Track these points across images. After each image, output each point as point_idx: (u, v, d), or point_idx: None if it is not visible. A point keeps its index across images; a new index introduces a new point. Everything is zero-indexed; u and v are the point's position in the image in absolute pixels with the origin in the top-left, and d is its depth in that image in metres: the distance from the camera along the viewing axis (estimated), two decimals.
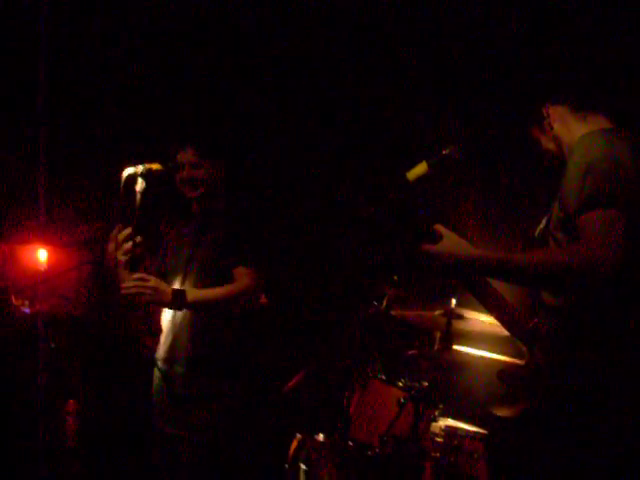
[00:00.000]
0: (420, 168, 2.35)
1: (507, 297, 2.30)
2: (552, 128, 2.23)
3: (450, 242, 2.11)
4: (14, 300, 4.47)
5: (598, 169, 1.99)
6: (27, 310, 4.39)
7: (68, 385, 3.74)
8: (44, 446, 3.74)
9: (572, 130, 2.21)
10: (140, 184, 2.76)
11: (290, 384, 3.31)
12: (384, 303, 3.25)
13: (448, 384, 3.30)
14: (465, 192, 3.68)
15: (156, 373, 3.01)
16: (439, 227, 2.14)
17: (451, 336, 3.19)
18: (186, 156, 3.02)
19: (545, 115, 2.24)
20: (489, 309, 2.31)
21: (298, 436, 3.27)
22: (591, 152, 2.04)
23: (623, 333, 2.00)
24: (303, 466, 3.20)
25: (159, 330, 3.02)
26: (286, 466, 3.27)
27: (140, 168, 2.79)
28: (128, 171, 2.77)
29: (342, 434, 3.04)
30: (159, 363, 2.98)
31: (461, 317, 3.22)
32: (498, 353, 3.10)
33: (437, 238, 2.11)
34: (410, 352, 3.33)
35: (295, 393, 3.32)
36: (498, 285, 2.26)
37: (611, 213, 1.94)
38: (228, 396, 2.88)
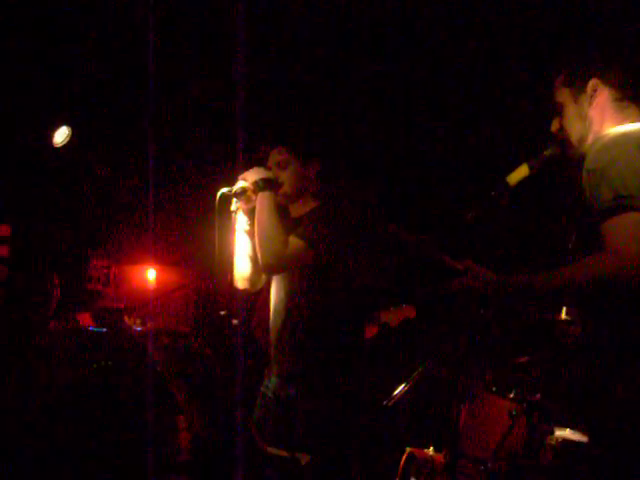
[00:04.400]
0: (521, 171, 2.26)
1: None
2: (590, 105, 2.09)
3: (477, 273, 2.04)
4: (127, 319, 4.63)
5: (613, 173, 1.88)
6: (139, 328, 4.54)
7: (176, 401, 3.82)
8: (156, 462, 3.83)
9: (606, 119, 2.07)
10: (234, 204, 2.77)
11: (395, 396, 3.25)
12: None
13: (563, 392, 3.16)
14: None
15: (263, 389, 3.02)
16: (468, 263, 2.08)
17: (566, 342, 3.06)
18: (273, 156, 2.99)
19: (589, 90, 2.09)
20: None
21: (408, 450, 3.21)
22: (605, 156, 1.93)
23: None
24: None
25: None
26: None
27: (234, 188, 2.79)
28: (222, 191, 2.77)
29: (451, 448, 2.96)
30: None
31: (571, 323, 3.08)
32: None
33: (464, 273, 2.06)
34: (521, 359, 3.21)
35: (402, 406, 3.26)
36: None
37: (631, 216, 1.84)
38: (335, 406, 2.84)
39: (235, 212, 2.80)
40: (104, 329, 4.53)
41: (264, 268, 2.88)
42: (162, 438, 3.84)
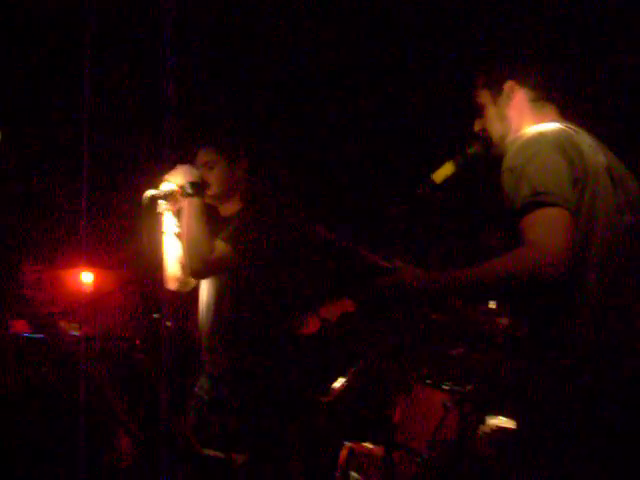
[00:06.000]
0: (446, 168, 2.31)
1: None
2: (508, 106, 2.18)
3: (402, 272, 2.10)
4: (62, 324, 4.54)
5: (531, 170, 1.95)
6: (75, 333, 4.47)
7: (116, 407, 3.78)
8: (98, 467, 3.79)
9: (523, 119, 2.16)
10: (161, 206, 2.76)
11: (333, 391, 3.29)
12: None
13: (495, 382, 3.24)
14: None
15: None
16: (395, 262, 2.13)
17: (495, 335, 3.13)
18: (201, 156, 2.99)
19: (506, 91, 2.18)
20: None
21: (347, 445, 3.25)
22: (522, 155, 2.00)
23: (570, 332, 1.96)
24: (354, 474, 3.19)
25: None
26: (337, 475, 3.26)
27: (161, 189, 2.79)
28: (149, 193, 2.77)
29: (389, 441, 3.01)
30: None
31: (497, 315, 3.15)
32: None
33: (391, 271, 2.10)
34: (452, 352, 3.28)
35: (340, 401, 3.30)
36: None
37: (548, 211, 1.91)
38: (269, 405, 2.86)
39: (162, 214, 2.80)
40: (40, 335, 4.45)
41: (191, 274, 2.91)
42: (103, 443, 3.81)
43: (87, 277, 4.86)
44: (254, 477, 2.79)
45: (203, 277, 2.98)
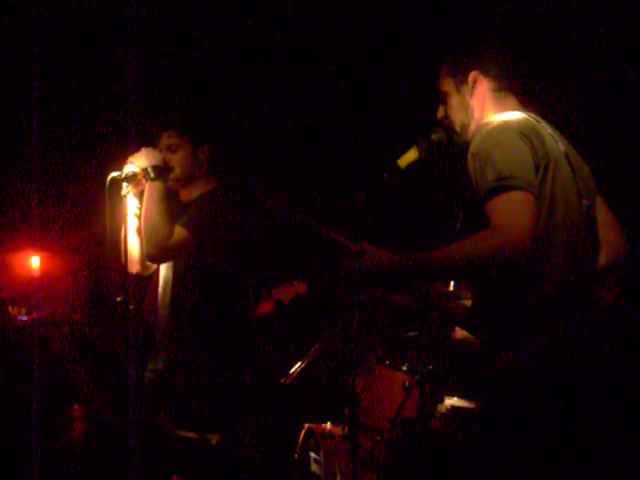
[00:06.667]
0: (411, 154, 2.36)
1: None
2: (471, 96, 2.25)
3: (371, 255, 2.14)
4: (10, 309, 4.46)
5: (496, 156, 2.02)
6: (24, 318, 4.39)
7: (72, 389, 3.74)
8: (48, 453, 3.74)
9: (486, 108, 2.24)
10: (124, 188, 2.75)
11: (292, 374, 3.32)
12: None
13: (452, 362, 3.32)
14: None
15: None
16: (363, 244, 2.18)
17: (451, 315, 3.21)
18: (164, 139, 2.98)
19: (470, 81, 2.24)
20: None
21: (306, 426, 3.29)
22: (488, 141, 2.07)
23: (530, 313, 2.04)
24: (313, 454, 3.23)
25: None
26: (295, 456, 3.30)
27: (124, 172, 2.77)
28: (112, 175, 2.74)
29: (350, 420, 3.06)
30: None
31: (459, 297, 3.23)
32: None
33: (359, 254, 2.15)
34: (410, 333, 3.35)
35: (298, 383, 3.33)
36: None
37: (513, 195, 1.98)
38: (225, 388, 2.87)
39: (125, 196, 2.78)
40: None
41: (148, 258, 2.90)
42: (54, 429, 3.77)
43: (36, 261, 4.78)
44: (213, 461, 2.80)
45: (160, 262, 2.97)
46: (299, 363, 3.34)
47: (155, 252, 2.82)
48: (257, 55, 4.20)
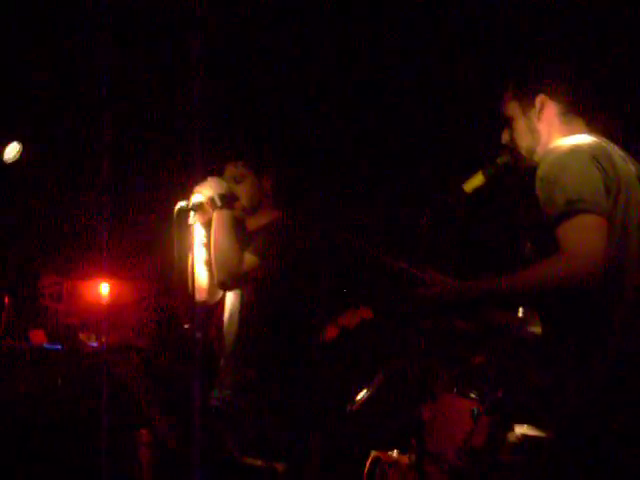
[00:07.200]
0: (477, 179, 2.34)
1: None
2: (538, 120, 2.20)
3: (439, 282, 2.12)
4: (81, 336, 4.57)
5: (566, 180, 1.99)
6: (94, 344, 4.49)
7: (139, 415, 3.78)
8: (116, 478, 3.78)
9: (553, 132, 2.20)
10: (192, 217, 2.79)
11: (358, 401, 3.30)
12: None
13: (523, 390, 3.25)
14: None
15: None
16: (430, 272, 2.16)
17: (519, 342, 3.14)
18: (229, 171, 3.01)
19: (537, 105, 2.20)
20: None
21: (373, 454, 3.25)
22: (557, 165, 2.04)
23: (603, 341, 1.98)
24: None
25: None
26: None
27: (191, 201, 2.81)
28: (180, 205, 2.79)
29: (417, 448, 3.01)
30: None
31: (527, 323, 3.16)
32: None
33: (427, 282, 2.13)
34: (478, 360, 3.29)
35: (365, 410, 3.31)
36: None
37: (583, 219, 1.94)
38: (291, 415, 2.86)
39: (192, 225, 2.83)
40: (58, 346, 4.47)
41: (220, 286, 2.95)
42: (122, 454, 3.82)
43: (105, 288, 4.89)
44: None
45: (231, 289, 3.01)
46: (365, 390, 3.32)
47: (227, 279, 2.86)
48: (313, 79, 4.24)
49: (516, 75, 2.28)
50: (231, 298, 3.05)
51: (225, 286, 2.95)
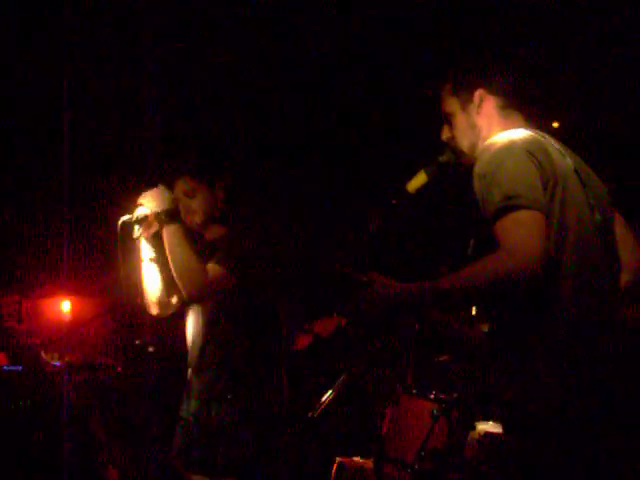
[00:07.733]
0: (419, 178, 2.32)
1: None
2: (478, 114, 2.19)
3: (379, 284, 2.09)
4: (44, 355, 4.50)
5: (501, 176, 1.96)
6: (57, 363, 4.42)
7: (96, 437, 3.73)
8: None
9: (492, 126, 2.17)
10: (136, 231, 2.75)
11: (319, 406, 3.27)
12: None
13: (484, 387, 3.24)
14: None
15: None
16: (371, 274, 2.13)
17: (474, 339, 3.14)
18: (179, 186, 2.99)
19: (476, 99, 2.19)
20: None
21: (337, 460, 3.23)
22: (493, 161, 2.02)
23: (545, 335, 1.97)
24: None
25: None
26: None
27: (135, 215, 2.77)
28: (123, 219, 2.75)
29: (378, 454, 2.99)
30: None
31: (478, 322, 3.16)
32: None
33: (367, 284, 2.10)
34: (436, 359, 3.29)
35: (326, 415, 3.28)
36: None
37: (520, 214, 1.92)
38: (258, 424, 2.83)
39: (138, 239, 2.78)
40: (20, 367, 4.39)
41: (189, 299, 2.89)
42: (90, 475, 3.76)
43: (66, 306, 4.82)
44: None
45: (200, 301, 2.96)
46: (326, 396, 3.30)
47: (194, 292, 2.80)
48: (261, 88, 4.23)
49: (454, 70, 2.26)
50: (194, 309, 3.02)
51: (193, 298, 2.90)
